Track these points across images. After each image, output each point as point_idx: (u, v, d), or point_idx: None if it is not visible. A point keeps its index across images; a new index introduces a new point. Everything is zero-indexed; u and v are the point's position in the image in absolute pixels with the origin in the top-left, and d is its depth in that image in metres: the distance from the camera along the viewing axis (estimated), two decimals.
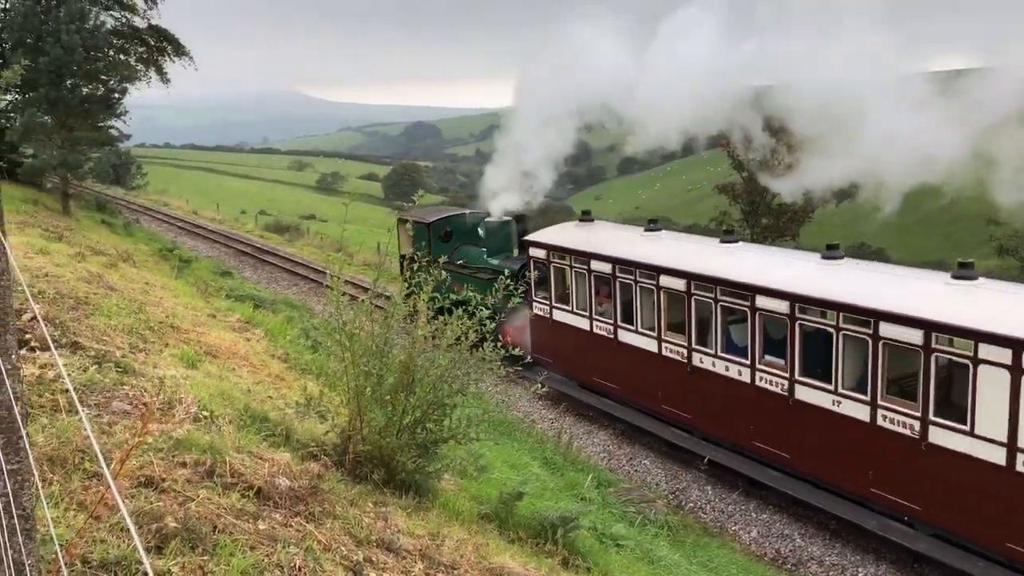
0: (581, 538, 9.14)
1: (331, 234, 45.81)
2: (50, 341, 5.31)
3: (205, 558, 4.58)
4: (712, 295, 14.44)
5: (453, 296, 9.90)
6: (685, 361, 15.24)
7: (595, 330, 17.46)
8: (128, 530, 4.46)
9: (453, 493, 8.64)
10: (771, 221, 35.85)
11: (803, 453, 13.23)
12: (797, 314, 12.94)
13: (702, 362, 14.92)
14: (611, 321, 16.97)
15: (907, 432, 11.57)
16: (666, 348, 15.70)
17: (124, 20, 38.31)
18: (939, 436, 11.20)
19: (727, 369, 14.39)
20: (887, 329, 11.64)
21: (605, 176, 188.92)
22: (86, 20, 27.63)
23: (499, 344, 7.78)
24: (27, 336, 7.37)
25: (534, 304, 19.01)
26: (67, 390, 6.40)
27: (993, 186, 12.89)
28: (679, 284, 15.10)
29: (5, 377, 2.50)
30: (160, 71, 40.15)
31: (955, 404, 11.28)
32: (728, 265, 14.65)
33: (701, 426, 15.22)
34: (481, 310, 7.48)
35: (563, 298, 18.35)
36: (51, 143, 27.72)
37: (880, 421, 11.94)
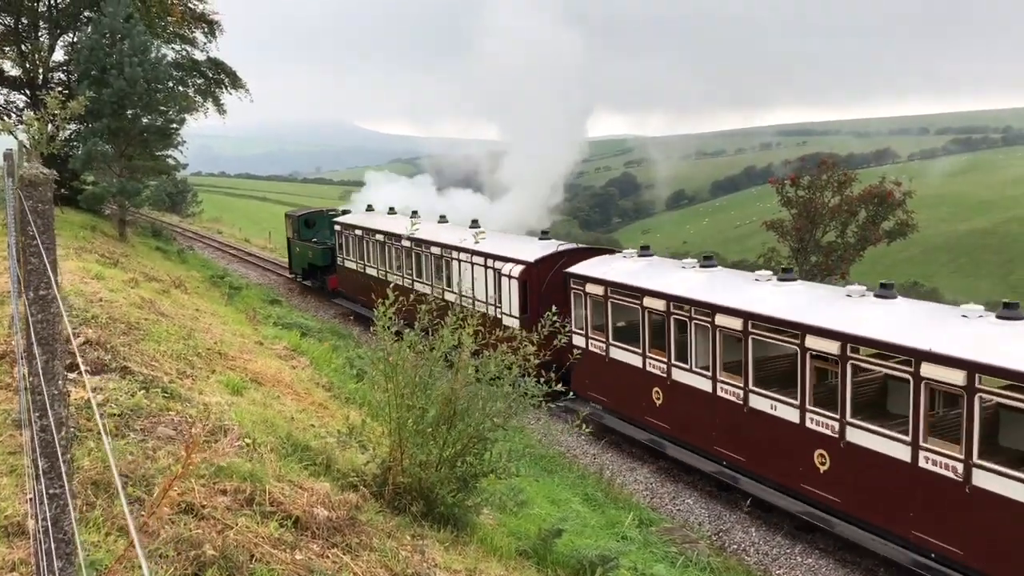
0: None
1: None
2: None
3: None
4: (422, 248, 24.93)
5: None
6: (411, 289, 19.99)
7: (367, 271, 28.76)
8: (167, 556, 4.49)
9: (492, 528, 8.57)
10: (820, 259, 35.35)
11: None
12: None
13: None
14: (373, 266, 28.15)
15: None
16: (415, 284, 25.21)
17: (184, 53, 39.48)
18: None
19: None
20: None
21: (653, 210, 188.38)
22: (148, 53, 28.49)
23: (541, 380, 7.76)
24: (78, 361, 7.52)
25: (340, 258, 31.00)
26: (116, 414, 6.51)
27: None
28: (392, 240, 26.70)
29: (49, 403, 2.54)
30: (217, 102, 41.20)
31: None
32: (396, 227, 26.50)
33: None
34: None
35: (350, 254, 30.13)
36: (111, 171, 28.52)
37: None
